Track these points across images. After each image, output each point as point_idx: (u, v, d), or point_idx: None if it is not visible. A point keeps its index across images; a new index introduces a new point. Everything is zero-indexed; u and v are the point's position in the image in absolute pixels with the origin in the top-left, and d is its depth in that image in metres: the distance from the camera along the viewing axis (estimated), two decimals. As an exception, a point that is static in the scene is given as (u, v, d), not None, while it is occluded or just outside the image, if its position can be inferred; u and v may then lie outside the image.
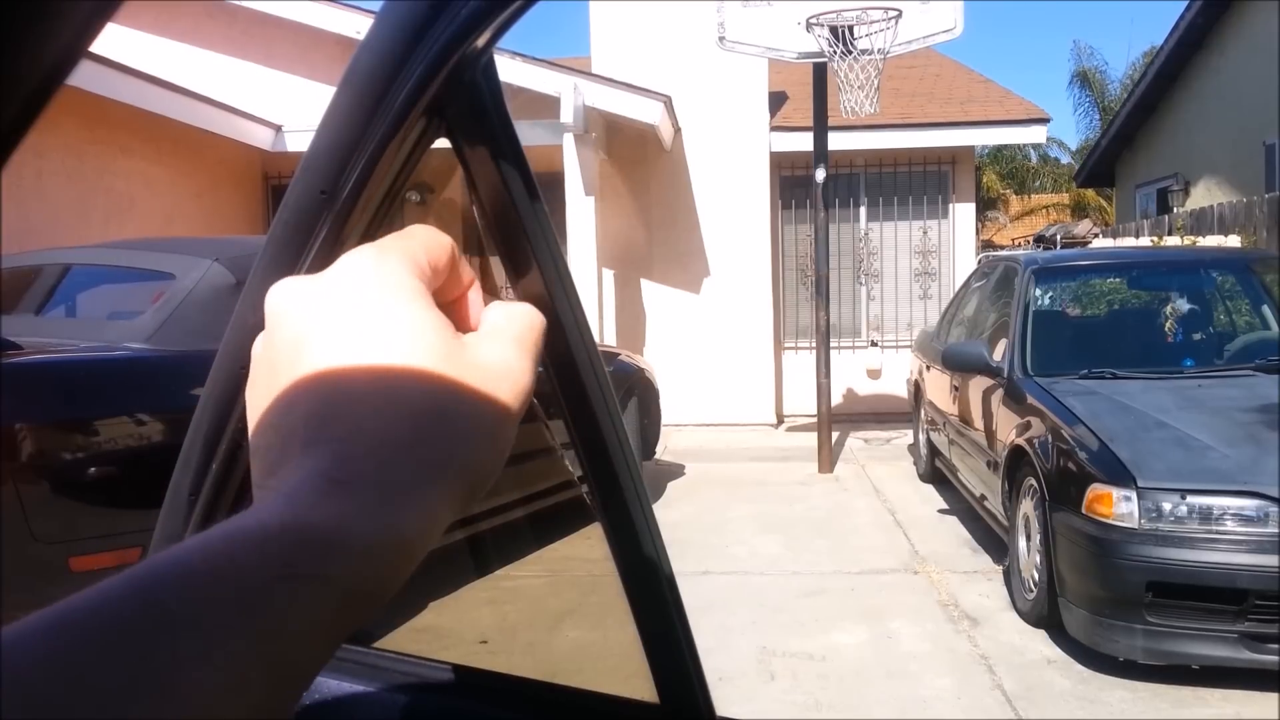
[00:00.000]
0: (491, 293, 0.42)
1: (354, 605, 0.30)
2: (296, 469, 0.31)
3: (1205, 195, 12.75)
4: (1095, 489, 3.67)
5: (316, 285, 0.36)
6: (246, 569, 0.28)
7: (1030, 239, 20.46)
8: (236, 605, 0.27)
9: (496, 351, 0.36)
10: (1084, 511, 3.69)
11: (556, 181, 7.76)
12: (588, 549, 4.58)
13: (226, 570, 0.27)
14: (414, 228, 0.39)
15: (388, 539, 0.31)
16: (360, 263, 0.36)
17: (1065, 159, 25.65)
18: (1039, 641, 3.99)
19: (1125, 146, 16.21)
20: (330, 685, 0.65)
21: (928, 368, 6.88)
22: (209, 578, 0.27)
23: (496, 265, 0.51)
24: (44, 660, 0.24)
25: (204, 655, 0.26)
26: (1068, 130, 58.31)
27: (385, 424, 0.32)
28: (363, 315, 0.34)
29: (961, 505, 5.95)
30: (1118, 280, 6.09)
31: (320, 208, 0.47)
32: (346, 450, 0.31)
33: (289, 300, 0.36)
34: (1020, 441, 4.38)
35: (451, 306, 0.39)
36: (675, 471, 7.39)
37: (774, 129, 9.50)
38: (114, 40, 7.47)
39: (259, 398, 0.35)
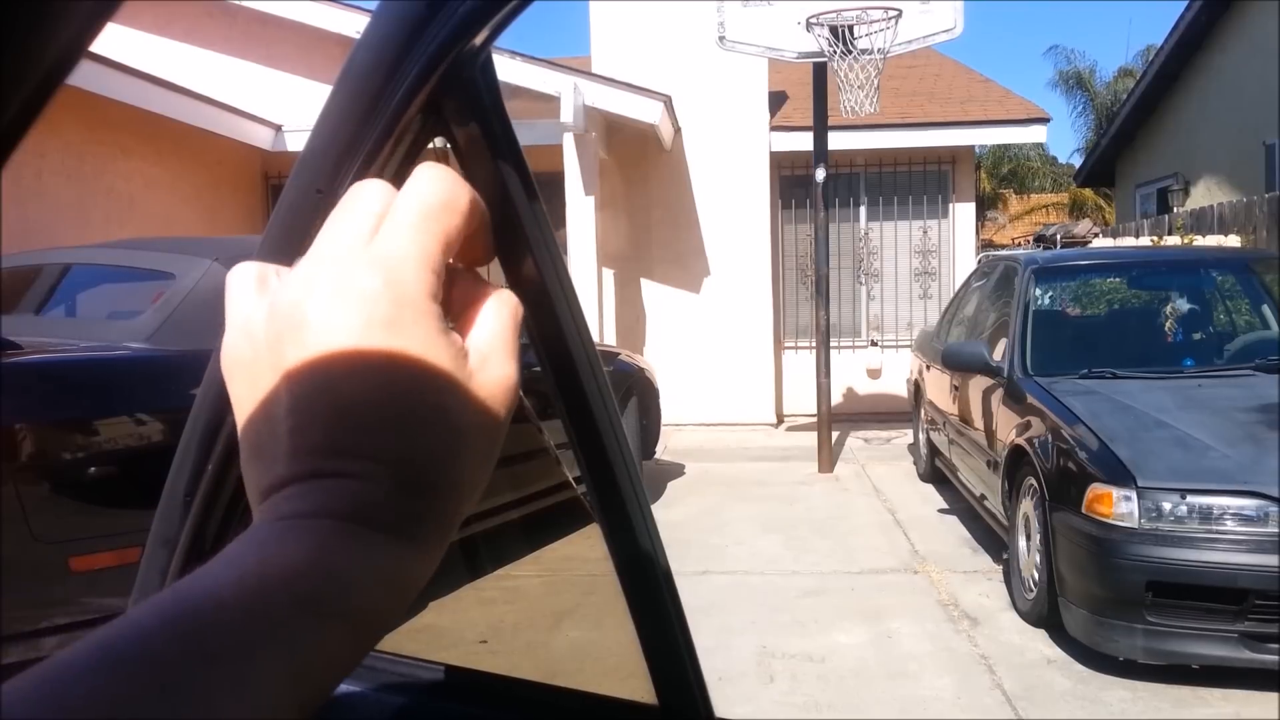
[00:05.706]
0: None
1: (372, 636, 0.32)
2: (306, 498, 0.32)
3: (1205, 195, 12.74)
4: (1095, 489, 3.67)
5: (319, 279, 0.34)
6: (279, 607, 0.29)
7: (1029, 239, 20.46)
8: (271, 643, 0.29)
9: (498, 369, 0.36)
10: (1084, 511, 3.69)
11: (556, 181, 7.76)
12: (587, 549, 4.58)
13: (260, 609, 0.29)
14: (450, 193, 0.36)
15: (407, 572, 0.33)
16: (370, 283, 0.33)
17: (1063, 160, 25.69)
18: (1039, 641, 3.99)
19: (1125, 146, 16.20)
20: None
21: (928, 367, 6.88)
22: (245, 615, 0.29)
23: (495, 266, 0.51)
24: (92, 694, 0.26)
25: (241, 692, 0.28)
26: (1063, 133, 58.05)
27: (401, 459, 0.33)
28: (371, 330, 0.33)
29: (961, 505, 5.94)
30: (1118, 280, 6.08)
31: (317, 206, 0.47)
32: (366, 493, 0.32)
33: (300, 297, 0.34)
34: (1020, 441, 4.38)
35: (463, 274, 0.38)
36: (675, 471, 7.39)
37: (774, 129, 9.50)
38: (114, 40, 7.47)
39: (255, 385, 0.34)
